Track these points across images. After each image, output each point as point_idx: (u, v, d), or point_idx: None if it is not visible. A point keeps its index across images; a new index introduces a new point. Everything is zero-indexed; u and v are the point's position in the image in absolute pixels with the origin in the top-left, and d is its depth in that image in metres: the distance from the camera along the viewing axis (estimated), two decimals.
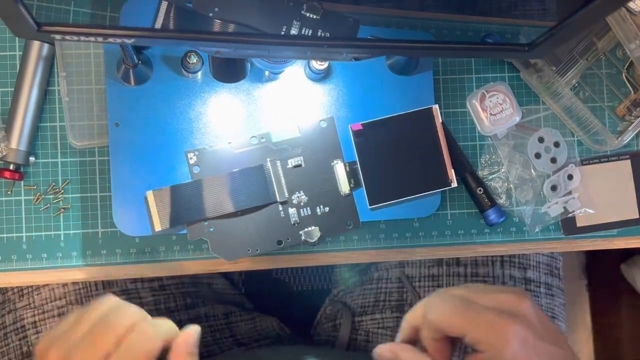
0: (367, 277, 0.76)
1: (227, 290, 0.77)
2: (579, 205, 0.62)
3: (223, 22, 0.47)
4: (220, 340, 0.70)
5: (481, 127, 0.61)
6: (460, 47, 0.45)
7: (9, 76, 0.58)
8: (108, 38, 0.39)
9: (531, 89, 0.62)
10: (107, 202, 0.59)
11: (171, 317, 0.67)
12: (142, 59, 0.55)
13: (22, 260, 0.58)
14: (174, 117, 0.57)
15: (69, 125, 0.58)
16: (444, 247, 0.62)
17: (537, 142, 0.62)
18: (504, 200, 0.61)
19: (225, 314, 0.73)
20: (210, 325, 0.71)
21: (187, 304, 0.69)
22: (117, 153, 0.56)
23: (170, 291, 0.69)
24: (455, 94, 0.62)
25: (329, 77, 0.58)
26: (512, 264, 0.72)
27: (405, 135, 0.58)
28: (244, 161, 0.57)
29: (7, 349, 0.67)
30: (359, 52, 0.45)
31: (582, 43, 0.62)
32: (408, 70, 0.59)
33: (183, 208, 0.55)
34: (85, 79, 0.58)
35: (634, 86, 0.62)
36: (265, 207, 0.57)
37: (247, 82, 0.57)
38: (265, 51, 0.48)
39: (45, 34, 0.37)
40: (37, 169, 0.58)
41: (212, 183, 0.56)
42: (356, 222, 0.58)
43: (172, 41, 0.44)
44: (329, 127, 0.58)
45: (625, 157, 0.63)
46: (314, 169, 0.57)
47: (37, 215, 0.58)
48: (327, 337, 0.77)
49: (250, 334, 0.74)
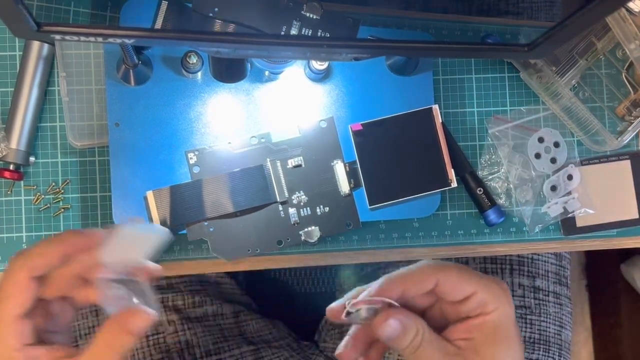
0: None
1: (235, 290, 0.77)
2: (578, 205, 0.62)
3: (223, 22, 0.47)
4: (229, 339, 0.70)
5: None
6: (460, 47, 0.45)
7: (9, 76, 0.58)
8: (108, 38, 0.39)
9: (531, 89, 0.62)
10: (107, 202, 0.59)
11: (179, 314, 0.67)
12: (142, 59, 0.55)
13: None
14: (174, 117, 0.57)
15: (69, 125, 0.58)
16: (444, 247, 0.62)
17: (537, 142, 0.62)
18: (504, 200, 0.61)
19: (234, 313, 0.73)
20: (219, 323, 0.71)
21: (195, 302, 0.69)
22: (117, 153, 0.56)
23: (179, 289, 0.69)
24: (455, 94, 0.62)
25: (329, 77, 0.58)
26: (520, 272, 0.72)
27: (405, 135, 0.58)
28: (243, 161, 0.57)
29: None
30: (359, 52, 0.45)
31: (582, 43, 0.62)
32: (408, 71, 0.59)
33: (183, 208, 0.55)
34: (85, 79, 0.58)
35: (633, 86, 0.62)
36: (265, 207, 0.57)
37: (247, 82, 0.57)
38: (265, 51, 0.48)
39: (45, 34, 0.37)
40: (37, 169, 0.58)
41: (212, 183, 0.56)
42: (356, 222, 0.58)
43: (172, 41, 0.44)
44: (328, 127, 0.58)
45: (625, 157, 0.63)
46: (314, 169, 0.57)
47: (37, 215, 0.58)
48: (334, 345, 0.76)
49: (259, 333, 0.74)
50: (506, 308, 0.45)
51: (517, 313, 0.71)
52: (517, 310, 0.71)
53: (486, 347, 0.44)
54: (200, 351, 0.67)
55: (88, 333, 0.65)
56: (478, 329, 0.45)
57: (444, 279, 0.45)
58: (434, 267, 0.45)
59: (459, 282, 0.45)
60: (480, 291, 0.44)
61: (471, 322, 0.45)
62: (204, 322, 0.69)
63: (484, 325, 0.45)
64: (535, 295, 0.73)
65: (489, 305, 0.44)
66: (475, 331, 0.45)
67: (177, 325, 0.67)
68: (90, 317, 0.66)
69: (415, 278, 0.45)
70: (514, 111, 0.62)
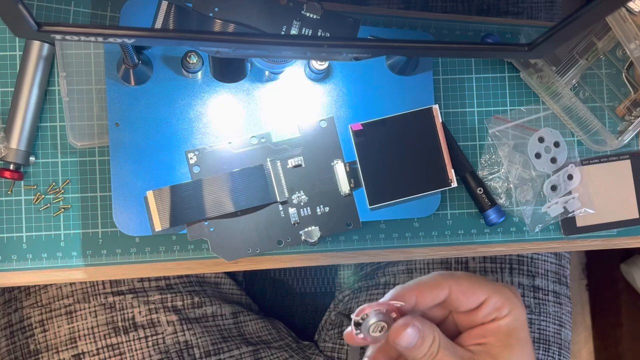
0: (373, 282, 0.76)
1: (234, 291, 0.77)
2: (578, 205, 0.62)
3: (223, 22, 0.47)
4: (228, 339, 0.70)
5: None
6: (460, 47, 0.45)
7: (9, 76, 0.58)
8: (108, 38, 0.39)
9: (531, 89, 0.62)
10: (107, 202, 0.59)
11: (178, 315, 0.67)
12: (142, 59, 0.55)
13: (22, 260, 0.58)
14: (174, 117, 0.57)
15: (69, 125, 0.58)
16: (444, 247, 0.62)
17: (537, 142, 0.62)
18: (504, 200, 0.61)
19: (233, 314, 0.73)
20: (218, 324, 0.71)
21: (194, 302, 0.69)
22: (117, 153, 0.56)
23: (178, 289, 0.69)
24: (455, 94, 0.62)
25: (329, 77, 0.58)
26: (520, 272, 0.72)
27: (405, 135, 0.58)
28: (244, 161, 0.57)
29: (13, 347, 0.67)
30: (359, 52, 0.45)
31: (582, 43, 0.62)
32: (408, 70, 0.59)
33: (183, 208, 0.55)
34: (85, 79, 0.58)
35: (633, 86, 0.62)
36: (265, 207, 0.57)
37: (247, 82, 0.57)
38: (265, 51, 0.48)
39: (45, 34, 0.37)
40: (37, 169, 0.58)
41: (212, 183, 0.56)
42: (356, 222, 0.58)
43: (172, 41, 0.44)
44: (329, 127, 0.58)
45: (625, 157, 0.63)
46: (314, 169, 0.57)
47: (37, 215, 0.58)
48: (333, 344, 0.76)
49: (259, 334, 0.74)
50: (519, 311, 0.45)
51: None
52: None
53: (501, 351, 0.44)
54: (200, 352, 0.67)
55: (88, 334, 0.65)
56: (493, 333, 0.45)
57: (456, 286, 0.44)
58: (445, 275, 0.45)
59: (471, 288, 0.44)
60: (494, 296, 0.44)
61: (486, 327, 0.45)
62: (203, 323, 0.69)
63: (498, 329, 0.45)
64: (535, 295, 0.73)
65: (503, 309, 0.44)
66: (489, 335, 0.45)
67: (176, 325, 0.67)
68: (90, 317, 0.66)
69: (427, 285, 0.44)
70: (514, 111, 0.62)
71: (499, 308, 0.44)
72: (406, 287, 0.45)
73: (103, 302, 0.66)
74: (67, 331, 0.65)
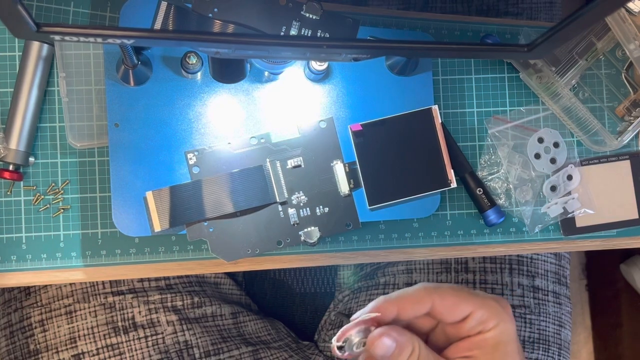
0: (373, 282, 0.76)
1: (234, 291, 0.77)
2: (578, 205, 0.62)
3: (222, 23, 0.47)
4: (228, 340, 0.70)
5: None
6: (460, 47, 0.45)
7: (9, 76, 0.58)
8: (108, 38, 0.39)
9: (531, 89, 0.62)
10: (107, 202, 0.59)
11: (178, 315, 0.67)
12: (142, 60, 0.55)
13: (22, 261, 0.58)
14: (173, 118, 0.57)
15: (68, 125, 0.58)
16: (444, 247, 0.62)
17: (536, 142, 0.62)
18: (504, 200, 0.61)
19: (232, 314, 0.73)
20: (217, 324, 0.71)
21: (194, 302, 0.69)
22: (116, 153, 0.56)
23: (177, 290, 0.69)
24: (455, 94, 0.62)
25: (328, 78, 0.58)
26: (520, 272, 0.72)
27: (405, 135, 0.58)
28: (243, 161, 0.57)
29: (13, 347, 0.67)
30: (359, 52, 0.45)
31: (582, 43, 0.62)
32: (408, 71, 0.59)
33: (182, 208, 0.55)
34: (85, 79, 0.58)
35: (633, 86, 0.62)
36: (264, 208, 0.57)
37: (246, 83, 0.57)
38: (265, 52, 0.48)
39: (45, 34, 0.37)
40: (36, 169, 0.58)
41: (212, 183, 0.56)
42: (356, 223, 0.58)
43: (172, 42, 0.44)
44: (328, 128, 0.58)
45: (624, 157, 0.63)
46: (314, 169, 0.57)
47: (37, 216, 0.58)
48: None
49: (258, 334, 0.74)
50: (507, 324, 0.45)
51: (517, 313, 0.71)
52: (517, 309, 0.72)
53: None
54: (199, 352, 0.67)
55: (87, 334, 0.65)
56: (478, 346, 0.44)
57: (440, 299, 0.44)
58: (429, 288, 0.44)
59: (456, 302, 0.44)
60: (479, 309, 0.44)
61: (472, 339, 0.45)
62: (203, 323, 0.69)
63: (484, 343, 0.44)
64: (535, 295, 0.73)
65: (489, 322, 0.44)
66: (475, 348, 0.44)
67: (176, 325, 0.67)
68: (90, 317, 0.66)
69: (409, 298, 0.44)
70: (513, 111, 0.62)
71: (484, 321, 0.44)
72: (387, 298, 0.44)
73: (103, 302, 0.66)
74: (67, 331, 0.65)
